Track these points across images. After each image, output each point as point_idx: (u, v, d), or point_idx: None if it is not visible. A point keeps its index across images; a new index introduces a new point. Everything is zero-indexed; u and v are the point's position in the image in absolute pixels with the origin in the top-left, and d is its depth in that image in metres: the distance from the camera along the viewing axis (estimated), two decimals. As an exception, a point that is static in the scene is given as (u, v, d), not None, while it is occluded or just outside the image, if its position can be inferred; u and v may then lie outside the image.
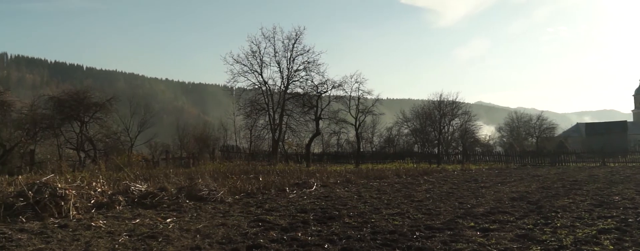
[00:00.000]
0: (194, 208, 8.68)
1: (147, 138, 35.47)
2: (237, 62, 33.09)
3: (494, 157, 39.54)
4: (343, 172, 18.52)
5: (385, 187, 13.36)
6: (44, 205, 7.54)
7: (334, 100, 34.41)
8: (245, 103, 34.10)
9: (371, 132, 49.13)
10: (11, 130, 27.49)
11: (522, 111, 66.20)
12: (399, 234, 6.25)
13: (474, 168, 26.49)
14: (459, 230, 6.54)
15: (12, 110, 27.88)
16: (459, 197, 10.65)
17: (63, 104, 28.00)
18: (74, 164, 23.77)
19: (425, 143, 45.66)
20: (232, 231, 6.48)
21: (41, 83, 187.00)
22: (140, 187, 9.77)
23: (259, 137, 35.23)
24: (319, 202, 9.69)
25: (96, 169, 16.95)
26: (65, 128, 28.65)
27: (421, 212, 8.27)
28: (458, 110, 44.31)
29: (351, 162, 37.02)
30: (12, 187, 8.87)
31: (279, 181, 13.20)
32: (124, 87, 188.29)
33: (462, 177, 17.62)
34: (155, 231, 6.44)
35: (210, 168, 18.81)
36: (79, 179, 9.86)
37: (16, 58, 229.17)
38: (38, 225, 6.81)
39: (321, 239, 5.99)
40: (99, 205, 8.44)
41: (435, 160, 37.72)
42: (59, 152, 28.28)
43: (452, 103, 43.71)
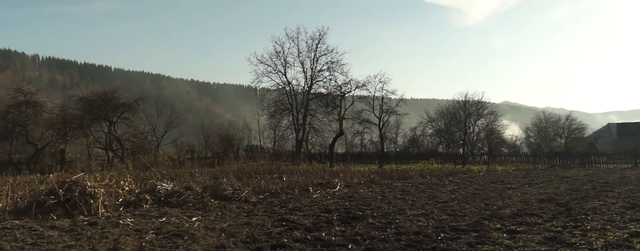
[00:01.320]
0: (219, 207, 8.77)
1: (173, 138, 35.99)
2: (261, 63, 33.31)
3: (521, 157, 38.81)
4: (367, 172, 18.45)
5: (409, 187, 13.25)
6: (74, 203, 7.73)
7: (357, 100, 34.31)
8: (269, 104, 34.29)
9: (395, 132, 48.77)
10: (43, 130, 28.31)
11: (550, 111, 64.81)
12: (423, 235, 6.20)
13: (500, 169, 26.07)
14: (485, 231, 6.44)
15: (44, 111, 28.69)
16: (485, 198, 10.49)
17: (92, 105, 28.67)
18: (102, 163, 24.33)
19: (450, 144, 45.11)
20: (256, 231, 6.53)
21: (71, 84, 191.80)
22: (166, 186, 9.93)
23: (283, 137, 35.38)
24: (342, 202, 9.67)
25: (124, 168, 17.29)
26: (94, 128, 29.35)
27: (446, 213, 8.18)
28: (484, 110, 43.62)
29: (375, 162, 36.82)
30: (43, 185, 9.11)
31: (303, 181, 13.24)
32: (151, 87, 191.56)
33: (487, 178, 17.35)
34: (181, 229, 6.53)
35: (234, 168, 18.99)
36: (108, 178, 10.07)
37: (47, 60, 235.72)
38: (68, 223, 6.98)
39: (345, 239, 5.98)
40: (127, 204, 8.61)
41: (460, 160, 37.24)
42: (88, 151, 28.98)
43: (478, 103, 43.05)
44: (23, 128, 27.04)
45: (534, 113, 67.68)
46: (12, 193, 9.13)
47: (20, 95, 28.22)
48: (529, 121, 62.86)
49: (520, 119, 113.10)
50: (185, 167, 21.97)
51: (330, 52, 32.97)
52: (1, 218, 7.16)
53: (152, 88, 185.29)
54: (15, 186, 10.80)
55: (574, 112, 64.42)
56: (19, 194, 8.84)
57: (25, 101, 27.69)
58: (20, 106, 27.45)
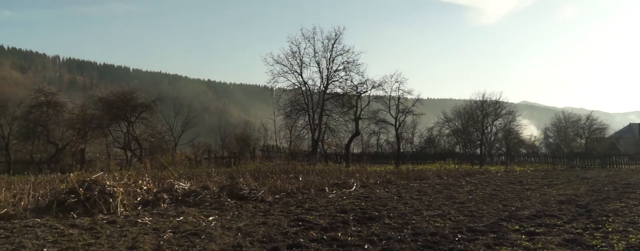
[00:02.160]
0: (236, 207, 8.82)
1: (190, 138, 36.29)
2: (277, 63, 33.37)
3: (539, 158, 38.24)
4: (383, 172, 18.38)
5: (426, 188, 13.16)
6: (94, 201, 7.85)
7: (373, 100, 34.19)
8: (285, 104, 34.35)
9: (411, 132, 48.49)
10: (63, 130, 28.80)
11: (569, 111, 63.68)
12: (440, 236, 6.15)
13: (519, 169, 25.73)
14: (503, 233, 6.37)
15: (64, 111, 29.20)
16: (503, 199, 10.36)
17: (111, 105, 29.08)
18: (121, 163, 24.62)
19: (467, 144, 44.69)
20: (272, 230, 6.55)
21: (91, 85, 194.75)
22: (183, 185, 10.02)
23: (299, 137, 35.42)
24: (358, 202, 9.65)
25: (142, 168, 17.48)
26: (113, 128, 29.76)
27: (463, 214, 8.10)
28: (501, 110, 43.13)
29: (391, 162, 36.66)
30: (64, 184, 9.28)
31: (319, 181, 13.23)
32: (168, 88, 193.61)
33: (506, 179, 17.13)
34: (198, 228, 6.59)
35: (251, 168, 19.07)
36: (126, 177, 10.19)
37: (68, 61, 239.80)
38: (88, 221, 7.09)
39: (361, 239, 5.96)
40: (145, 203, 8.71)
41: (478, 161, 36.86)
42: (107, 151, 29.40)
43: (495, 103, 42.56)
44: (44, 128, 27.55)
45: (553, 113, 66.67)
46: (34, 192, 9.31)
47: (42, 95, 28.77)
48: (548, 121, 61.95)
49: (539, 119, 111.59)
50: (202, 166, 22.13)
51: (347, 52, 32.90)
52: (23, 216, 7.31)
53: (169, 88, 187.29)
54: (37, 185, 11.00)
55: (595, 111, 63.36)
56: (40, 193, 9.00)
57: (46, 101, 28.21)
58: (42, 106, 27.98)
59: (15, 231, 6.29)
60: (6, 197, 8.62)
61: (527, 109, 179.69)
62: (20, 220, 7.08)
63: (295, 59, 33.27)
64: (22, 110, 28.36)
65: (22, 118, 27.80)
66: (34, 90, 30.57)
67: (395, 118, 35.06)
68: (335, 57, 33.03)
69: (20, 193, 9.21)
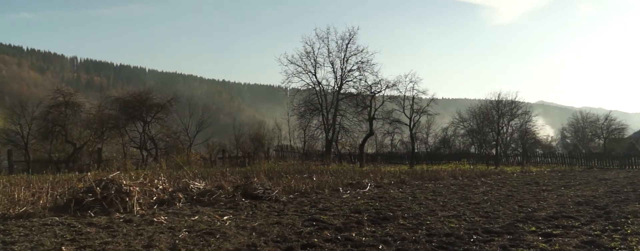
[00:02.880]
0: (250, 207, 8.86)
1: (204, 138, 36.51)
2: (291, 63, 33.48)
3: (556, 158, 37.75)
4: (397, 172, 18.30)
5: (440, 188, 13.07)
6: (111, 200, 7.95)
7: (387, 100, 34.09)
8: (299, 104, 34.42)
9: (426, 132, 48.24)
10: (81, 130, 29.20)
11: (587, 111, 62.69)
12: (455, 237, 6.10)
13: (535, 170, 25.42)
14: (519, 234, 6.30)
15: (82, 111, 29.59)
16: (519, 200, 10.25)
17: (127, 105, 29.38)
18: (137, 162, 24.89)
19: (482, 144, 44.30)
20: (286, 230, 6.56)
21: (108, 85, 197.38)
22: (198, 184, 10.09)
23: (313, 137, 35.48)
24: (372, 203, 9.62)
25: (157, 167, 17.66)
26: (129, 128, 30.05)
27: (479, 215, 8.03)
28: (517, 110, 42.68)
29: (405, 162, 36.52)
30: (81, 183, 9.41)
31: (333, 181, 13.23)
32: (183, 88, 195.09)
33: (522, 179, 16.94)
34: (213, 228, 6.63)
35: (265, 168, 19.14)
36: (142, 176, 10.30)
37: (85, 61, 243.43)
38: (105, 220, 7.19)
39: (375, 240, 5.95)
40: (161, 202, 8.79)
41: (493, 161, 36.52)
42: (123, 151, 29.73)
43: (511, 102, 42.13)
44: (62, 128, 27.95)
45: (570, 113, 65.76)
46: (52, 190, 9.46)
47: (60, 96, 29.19)
48: (565, 121, 61.09)
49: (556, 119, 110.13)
50: (216, 166, 22.28)
51: (361, 52, 32.88)
52: (42, 215, 7.43)
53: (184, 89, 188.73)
54: (55, 184, 11.18)
55: (613, 111, 62.19)
56: (59, 192, 9.13)
57: (64, 102, 28.62)
58: (60, 106, 28.39)
59: (34, 230, 6.39)
60: (25, 196, 8.78)
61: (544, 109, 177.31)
62: (39, 219, 7.20)
63: (309, 59, 33.36)
64: (40, 110, 28.82)
65: (40, 118, 28.24)
66: (52, 91, 31.03)
67: (410, 118, 34.91)
68: (350, 57, 33.05)
69: (39, 192, 9.38)
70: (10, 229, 6.41)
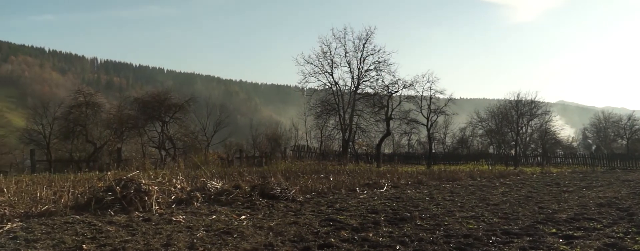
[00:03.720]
0: (267, 206, 8.89)
1: (222, 138, 36.81)
2: (308, 63, 33.55)
3: (578, 159, 37.13)
4: (414, 173, 18.18)
5: (458, 189, 12.95)
6: (130, 199, 8.05)
7: (405, 100, 33.92)
8: (316, 104, 34.45)
9: (443, 132, 47.90)
10: (101, 130, 29.68)
11: (610, 110, 61.48)
12: (473, 238, 6.03)
13: (555, 171, 25.04)
14: (539, 236, 6.20)
15: (102, 111, 30.09)
16: (539, 201, 10.09)
17: (146, 105, 29.75)
18: (156, 162, 25.19)
19: (501, 145, 43.79)
20: (303, 230, 6.57)
21: (127, 86, 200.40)
22: (216, 184, 10.16)
23: (330, 137, 35.47)
24: (389, 203, 9.57)
25: (176, 167, 17.84)
26: (148, 128, 30.42)
27: (497, 216, 7.93)
28: (537, 110, 42.08)
29: (422, 162, 36.29)
30: (102, 182, 9.55)
31: (350, 181, 13.20)
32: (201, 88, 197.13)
33: (542, 180, 16.69)
34: (230, 227, 6.67)
35: (282, 168, 19.19)
36: (161, 176, 10.41)
37: (105, 62, 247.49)
38: (124, 218, 7.28)
39: (392, 240, 5.91)
40: (179, 201, 8.88)
41: (512, 162, 36.07)
42: (142, 150, 30.11)
43: (531, 102, 41.55)
44: (83, 128, 28.44)
45: (592, 113, 64.57)
46: (73, 189, 9.63)
47: (81, 96, 29.72)
48: (587, 121, 60.04)
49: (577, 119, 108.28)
50: (234, 166, 22.42)
51: (377, 52, 32.79)
52: (63, 213, 7.56)
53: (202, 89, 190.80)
54: (76, 183, 11.37)
55: (636, 111, 60.90)
56: (80, 190, 9.28)
57: (85, 102, 29.12)
58: (81, 107, 28.90)
59: (55, 228, 6.51)
60: (47, 195, 8.95)
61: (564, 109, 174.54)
62: (60, 217, 7.32)
63: (326, 59, 33.39)
64: (62, 111, 29.37)
65: (62, 118, 28.78)
66: (73, 91, 31.61)
67: (427, 119, 34.68)
68: (366, 56, 32.98)
69: (60, 191, 9.55)
70: (32, 227, 6.54)
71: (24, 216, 7.26)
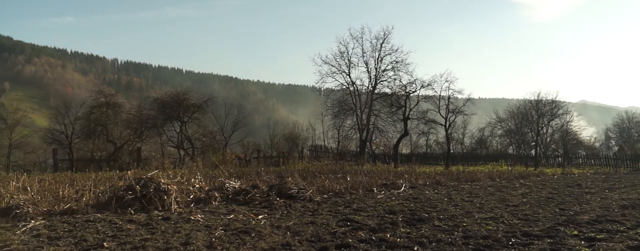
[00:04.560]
0: (284, 206, 8.91)
1: (240, 138, 37.02)
2: (325, 63, 33.57)
3: (600, 160, 36.39)
4: (432, 173, 18.05)
5: (477, 189, 12.81)
6: (150, 198, 8.16)
7: (422, 99, 33.70)
8: (333, 104, 34.45)
9: (462, 132, 47.47)
10: (121, 129, 30.16)
11: (633, 110, 60.15)
12: (493, 240, 5.96)
13: (577, 172, 24.59)
14: (560, 238, 6.09)
15: (122, 111, 30.60)
16: (560, 203, 9.92)
17: (165, 105, 30.15)
18: (174, 161, 25.48)
19: (520, 145, 43.21)
20: (321, 230, 6.57)
21: (146, 86, 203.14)
22: (234, 184, 10.23)
23: (347, 137, 35.43)
24: (407, 204, 9.52)
25: (194, 166, 18.00)
26: (167, 128, 30.85)
27: (517, 218, 7.82)
28: (558, 110, 41.42)
29: (440, 163, 36.02)
30: (122, 181, 9.70)
31: (367, 181, 13.16)
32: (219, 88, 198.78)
33: (563, 182, 16.41)
34: (248, 226, 6.71)
35: (299, 167, 19.23)
36: (180, 175, 10.52)
37: (125, 63, 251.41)
38: (144, 217, 7.38)
39: (410, 241, 5.87)
40: (197, 200, 8.96)
41: (533, 162, 35.56)
42: (161, 150, 30.50)
43: (552, 102, 40.95)
44: (104, 128, 28.93)
45: (615, 113, 63.27)
46: (95, 188, 9.79)
47: (102, 96, 30.27)
48: (610, 121, 58.88)
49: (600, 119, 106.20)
50: (251, 165, 22.53)
51: (395, 52, 32.65)
52: (85, 211, 7.69)
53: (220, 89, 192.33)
54: (97, 182, 11.56)
55: (660, 111, 59.45)
56: (101, 189, 9.44)
57: (105, 102, 29.65)
58: (102, 107, 29.42)
59: (77, 226, 6.63)
60: (69, 193, 9.12)
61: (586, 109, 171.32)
62: (82, 215, 7.46)
63: (344, 59, 33.36)
64: (83, 111, 29.96)
65: (83, 118, 29.34)
66: (94, 92, 32.25)
67: (445, 119, 34.39)
68: (384, 56, 32.88)
69: (82, 190, 9.72)
70: (55, 225, 6.67)
71: (47, 214, 7.40)
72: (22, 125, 35.17)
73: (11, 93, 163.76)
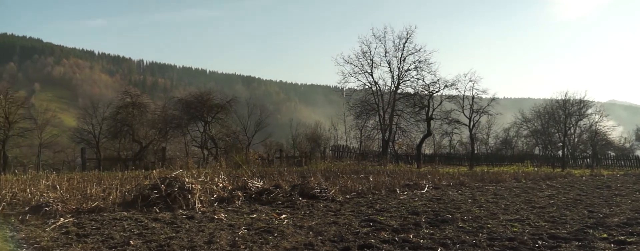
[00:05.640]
0: (307, 206, 8.93)
1: (262, 138, 37.21)
2: (347, 63, 33.50)
3: (631, 161, 35.41)
4: (456, 174, 17.83)
5: (502, 191, 12.60)
6: (174, 197, 8.28)
7: (446, 99, 33.34)
8: (356, 104, 34.35)
9: (486, 133, 46.73)
10: (146, 129, 30.68)
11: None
12: (518, 242, 5.85)
13: (607, 173, 23.96)
14: (588, 241, 5.95)
15: (147, 111, 31.10)
16: (589, 205, 9.69)
17: (189, 106, 30.51)
18: (198, 161, 25.78)
19: (547, 146, 42.36)
20: (343, 230, 6.56)
21: (171, 87, 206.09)
22: (256, 183, 10.30)
23: (369, 137, 35.29)
24: (430, 204, 9.43)
25: (218, 166, 18.18)
26: (191, 128, 31.22)
27: (544, 220, 7.67)
28: (586, 110, 40.46)
29: (464, 164, 35.58)
30: (147, 180, 9.86)
31: (390, 182, 13.09)
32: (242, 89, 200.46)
33: (591, 183, 16.02)
34: (270, 226, 6.74)
35: (321, 167, 19.24)
36: (203, 175, 10.64)
37: (150, 64, 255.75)
38: (169, 216, 7.49)
39: (434, 242, 5.82)
40: (221, 200, 9.06)
41: (560, 163, 34.82)
42: (185, 149, 30.91)
43: (580, 102, 40.03)
44: (130, 128, 29.47)
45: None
46: (121, 187, 9.99)
47: (128, 97, 30.84)
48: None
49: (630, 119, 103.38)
50: (274, 165, 22.65)
51: (418, 51, 32.38)
52: (112, 210, 7.86)
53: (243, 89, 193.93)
54: (124, 180, 11.79)
55: (695, 111, 57.53)
56: (127, 188, 9.62)
57: (131, 103, 30.20)
58: (128, 107, 29.98)
59: (104, 224, 6.77)
60: (97, 192, 9.32)
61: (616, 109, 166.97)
62: (109, 213, 7.62)
63: (366, 59, 33.25)
64: (110, 111, 30.57)
65: (110, 118, 29.94)
66: (120, 92, 32.85)
67: (469, 119, 33.94)
68: (407, 56, 32.64)
69: (109, 188, 9.93)
70: (83, 222, 6.83)
71: (75, 212, 7.58)
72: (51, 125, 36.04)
73: (41, 94, 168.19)
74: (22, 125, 29.60)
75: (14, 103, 28.84)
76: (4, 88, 30.17)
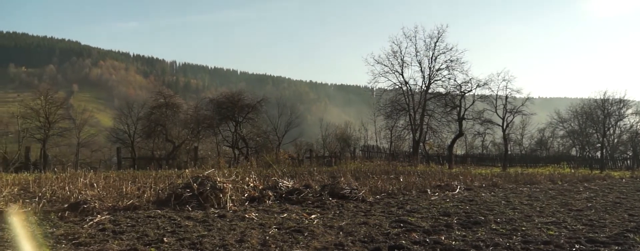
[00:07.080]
0: (337, 206, 8.92)
1: (292, 138, 37.40)
2: (378, 63, 33.35)
3: (674, 163, 34.03)
4: (489, 175, 17.50)
5: (537, 192, 12.29)
6: (206, 196, 8.41)
7: (478, 99, 32.76)
8: (386, 104, 34.13)
9: (520, 133, 45.71)
10: (179, 129, 31.29)
11: None
12: (554, 245, 5.69)
13: (647, 175, 23.06)
14: (629, 245, 5.74)
15: (180, 111, 31.71)
16: (629, 208, 9.35)
17: (221, 106, 30.94)
18: (229, 160, 26.12)
19: (585, 147, 41.11)
20: (373, 231, 6.52)
21: (203, 87, 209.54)
22: (287, 183, 10.35)
23: (399, 137, 35.01)
24: (462, 206, 9.28)
25: (248, 165, 18.37)
26: (222, 128, 31.64)
27: (581, 223, 7.44)
28: (627, 110, 39.07)
29: (497, 164, 34.89)
30: (180, 179, 10.05)
31: (420, 182, 12.95)
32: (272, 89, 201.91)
33: (632, 186, 15.45)
34: (301, 226, 6.76)
35: (351, 168, 19.21)
36: (234, 174, 10.77)
37: (183, 65, 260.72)
38: (201, 214, 7.61)
39: (466, 245, 5.72)
40: (251, 199, 9.14)
41: (598, 165, 33.72)
42: (217, 149, 31.35)
43: (619, 101, 38.68)
44: (163, 128, 30.11)
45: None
46: (155, 185, 10.22)
47: (161, 97, 31.51)
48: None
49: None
50: (304, 165, 22.73)
51: (450, 50, 31.94)
52: (146, 207, 8.04)
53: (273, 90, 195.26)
54: (157, 179, 12.04)
55: None
56: (160, 187, 9.83)
57: (165, 103, 30.84)
58: (161, 107, 30.64)
59: (139, 221, 6.94)
60: (132, 190, 9.55)
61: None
62: (143, 211, 7.80)
63: (396, 59, 33.02)
64: (144, 111, 31.30)
65: (144, 118, 30.67)
66: (154, 93, 33.61)
67: (503, 119, 33.26)
68: (438, 55, 32.25)
69: (143, 187, 10.16)
70: (119, 220, 7.02)
71: (112, 209, 7.80)
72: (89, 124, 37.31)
73: (79, 95, 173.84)
74: (62, 125, 30.70)
75: (54, 104, 29.91)
76: (44, 90, 31.28)
